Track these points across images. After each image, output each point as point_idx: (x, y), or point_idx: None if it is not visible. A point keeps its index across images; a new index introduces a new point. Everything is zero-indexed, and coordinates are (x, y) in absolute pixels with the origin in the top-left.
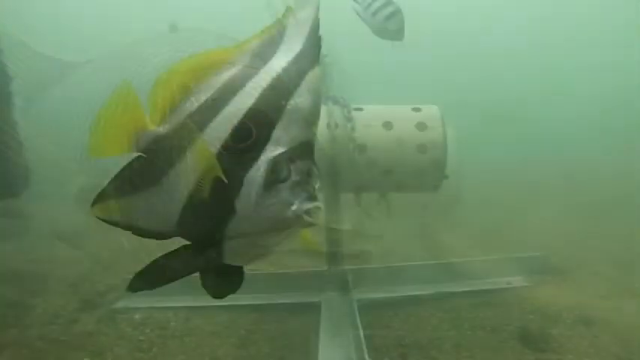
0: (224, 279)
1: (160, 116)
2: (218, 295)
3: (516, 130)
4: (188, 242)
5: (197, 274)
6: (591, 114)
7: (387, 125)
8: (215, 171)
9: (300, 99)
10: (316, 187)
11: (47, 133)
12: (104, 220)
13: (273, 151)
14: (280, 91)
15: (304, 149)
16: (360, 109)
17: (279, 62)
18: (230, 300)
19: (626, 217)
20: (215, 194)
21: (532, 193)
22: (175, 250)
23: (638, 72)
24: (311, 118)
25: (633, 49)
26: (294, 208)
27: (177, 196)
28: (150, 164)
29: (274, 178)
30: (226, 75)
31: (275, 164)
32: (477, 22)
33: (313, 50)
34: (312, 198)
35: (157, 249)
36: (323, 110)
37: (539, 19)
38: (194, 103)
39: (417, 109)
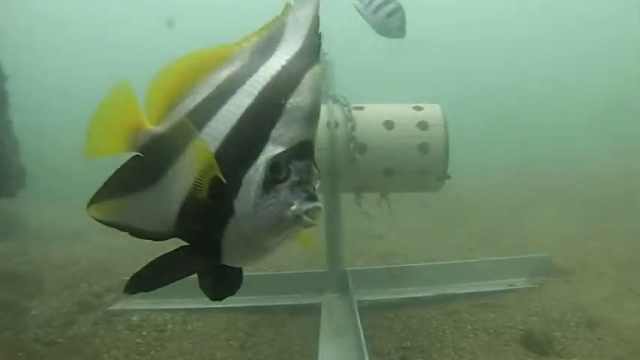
0: (222, 281)
1: (158, 115)
2: (216, 297)
3: (517, 130)
4: (186, 243)
5: (195, 276)
6: (592, 114)
7: (388, 124)
8: (213, 171)
9: (300, 98)
10: (316, 187)
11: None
12: (100, 221)
13: (272, 150)
14: (279, 89)
15: (304, 149)
16: (361, 108)
17: (279, 60)
18: (229, 302)
19: (627, 217)
20: (213, 194)
21: (533, 193)
22: (173, 251)
23: (639, 72)
24: (311, 118)
25: (633, 49)
26: (293, 208)
27: (175, 197)
28: (147, 164)
29: (273, 178)
30: (225, 73)
31: (274, 164)
32: (477, 21)
33: (313, 48)
34: (311, 198)
35: (154, 250)
36: (323, 109)
37: (540, 19)
38: (192, 101)
39: (419, 108)
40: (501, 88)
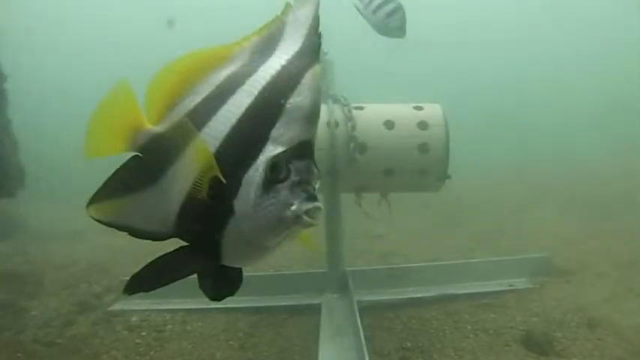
0: (222, 281)
1: (158, 115)
2: (216, 297)
3: (517, 130)
4: (186, 243)
5: (195, 276)
6: (592, 114)
7: (388, 124)
8: (213, 171)
9: (300, 97)
10: (316, 187)
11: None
12: (99, 221)
13: (272, 150)
14: (279, 89)
15: (304, 149)
16: (361, 108)
17: (279, 60)
18: (228, 302)
19: (627, 217)
20: (213, 194)
21: (533, 193)
22: (173, 251)
23: (639, 72)
24: (311, 117)
25: (633, 49)
26: (293, 208)
27: (174, 197)
28: (147, 164)
29: (273, 178)
30: (225, 73)
31: (274, 164)
32: (477, 21)
33: (313, 48)
34: (311, 198)
35: (154, 250)
36: (323, 109)
37: (540, 19)
38: (192, 101)
39: (419, 108)
40: (501, 88)
